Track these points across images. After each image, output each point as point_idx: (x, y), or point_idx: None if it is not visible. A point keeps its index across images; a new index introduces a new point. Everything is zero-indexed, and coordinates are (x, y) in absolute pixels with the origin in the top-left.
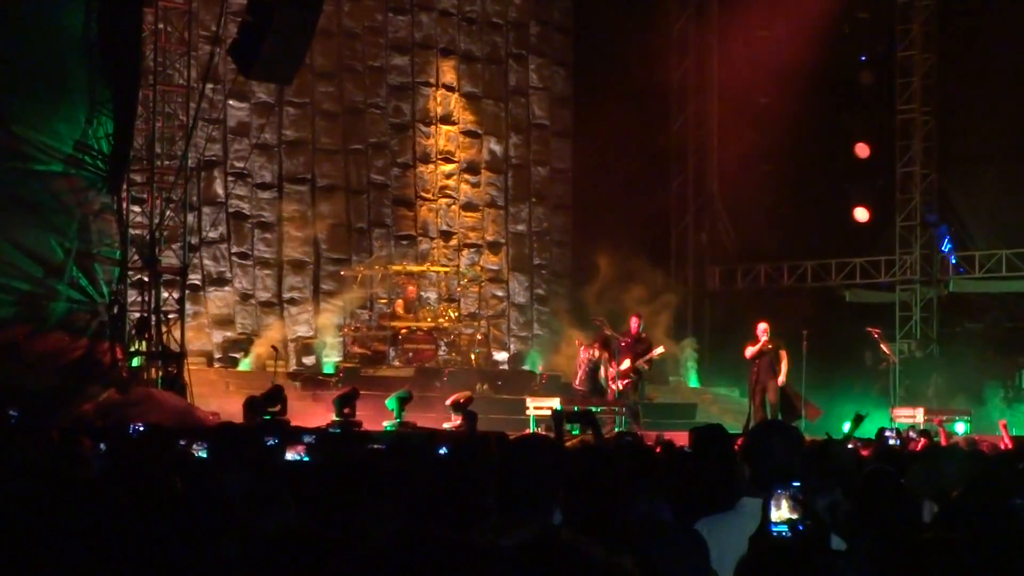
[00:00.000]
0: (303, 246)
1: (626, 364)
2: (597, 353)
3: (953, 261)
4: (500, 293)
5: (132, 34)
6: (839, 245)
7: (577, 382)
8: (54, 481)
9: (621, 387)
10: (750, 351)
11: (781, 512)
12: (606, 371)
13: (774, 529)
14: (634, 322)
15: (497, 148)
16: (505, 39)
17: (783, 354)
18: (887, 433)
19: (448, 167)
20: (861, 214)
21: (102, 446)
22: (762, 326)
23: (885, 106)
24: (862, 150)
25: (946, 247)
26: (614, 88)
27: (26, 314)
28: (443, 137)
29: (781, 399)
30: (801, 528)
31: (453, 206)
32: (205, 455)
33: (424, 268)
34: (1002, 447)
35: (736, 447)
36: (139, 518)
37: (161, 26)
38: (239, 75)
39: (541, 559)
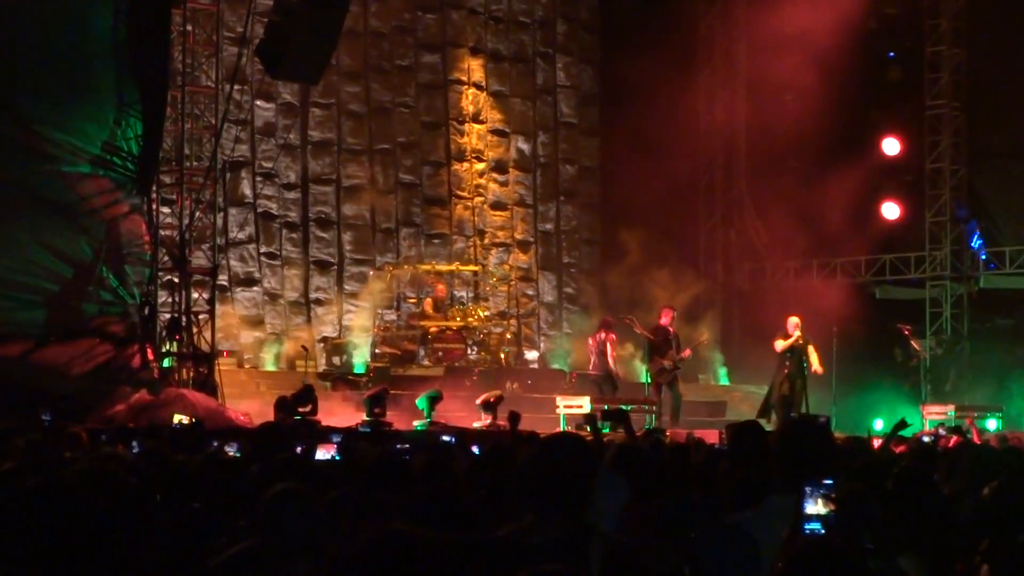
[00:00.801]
0: (329, 247)
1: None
2: (603, 335)
3: (983, 257)
4: (530, 292)
5: (160, 35)
6: (869, 241)
7: (591, 367)
8: (93, 483)
9: (663, 380)
10: (781, 345)
11: (814, 510)
12: (611, 354)
13: (807, 527)
14: (666, 316)
15: (525, 147)
16: (532, 38)
17: (812, 348)
18: (924, 434)
19: (480, 165)
20: (891, 210)
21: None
22: (793, 320)
23: (914, 102)
24: (891, 146)
25: (976, 243)
26: (641, 86)
27: (57, 316)
28: (474, 135)
29: (795, 397)
30: (833, 526)
31: (485, 205)
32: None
33: (453, 267)
34: None
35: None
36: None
37: (188, 27)
38: (265, 76)
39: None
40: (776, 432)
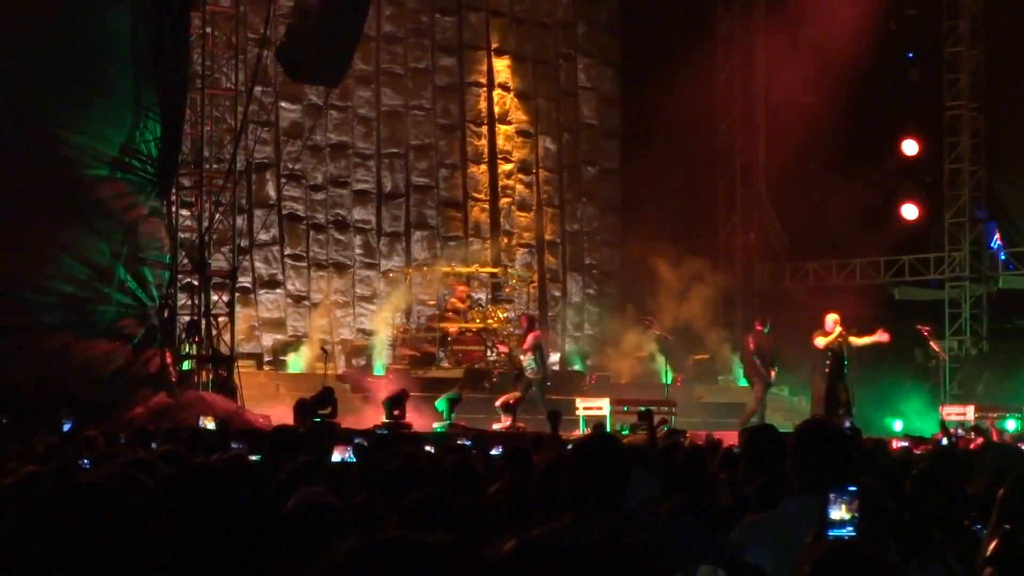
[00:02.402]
0: (346, 249)
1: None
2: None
3: (1003, 258)
4: (556, 293)
5: (179, 38)
6: (888, 242)
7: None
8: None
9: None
10: (822, 342)
11: (838, 516)
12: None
13: (831, 532)
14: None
15: (550, 147)
16: (555, 39)
17: (854, 339)
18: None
19: (507, 166)
20: (910, 211)
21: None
22: (832, 317)
23: (933, 103)
24: (910, 147)
25: (995, 244)
26: (661, 88)
27: (75, 318)
28: (501, 136)
29: (839, 396)
30: (858, 532)
31: (512, 206)
32: (258, 458)
33: (473, 269)
34: None
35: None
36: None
37: (208, 30)
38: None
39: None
40: (793, 434)
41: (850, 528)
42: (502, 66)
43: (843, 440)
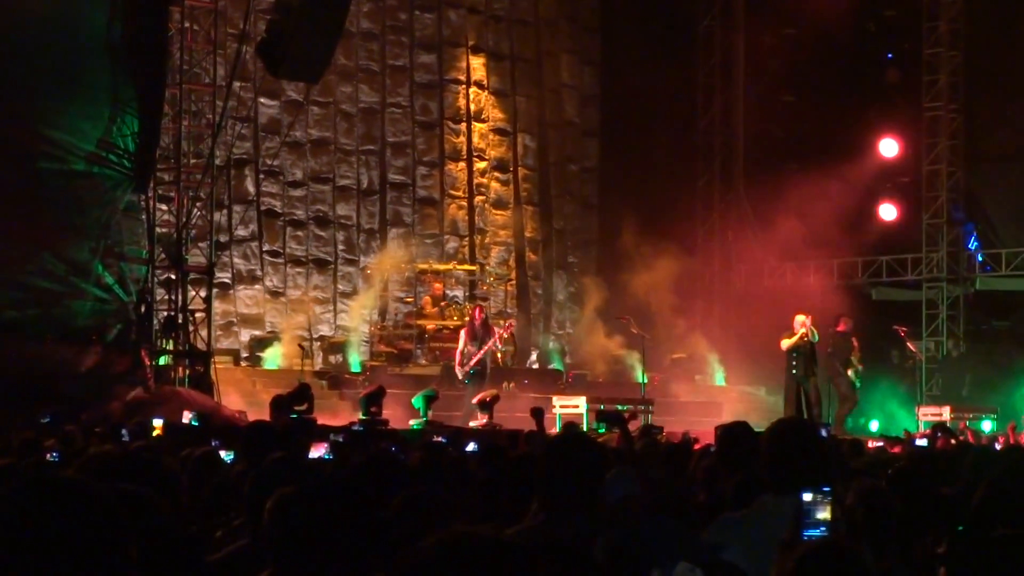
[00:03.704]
0: (326, 246)
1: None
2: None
3: (980, 259)
4: (539, 291)
5: (157, 33)
6: (865, 243)
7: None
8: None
9: None
10: (786, 343)
11: (813, 516)
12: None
13: (806, 534)
14: (844, 324)
15: (530, 145)
16: (535, 37)
17: (856, 342)
18: (919, 436)
19: (481, 164)
20: (888, 211)
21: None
22: (800, 318)
23: (912, 104)
24: (889, 147)
25: (972, 245)
26: (641, 87)
27: (52, 314)
28: (476, 134)
29: (810, 398)
30: (833, 532)
31: (486, 204)
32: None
33: (450, 267)
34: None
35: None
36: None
37: (187, 24)
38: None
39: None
40: (766, 433)
41: (825, 528)
42: (478, 64)
43: (815, 439)
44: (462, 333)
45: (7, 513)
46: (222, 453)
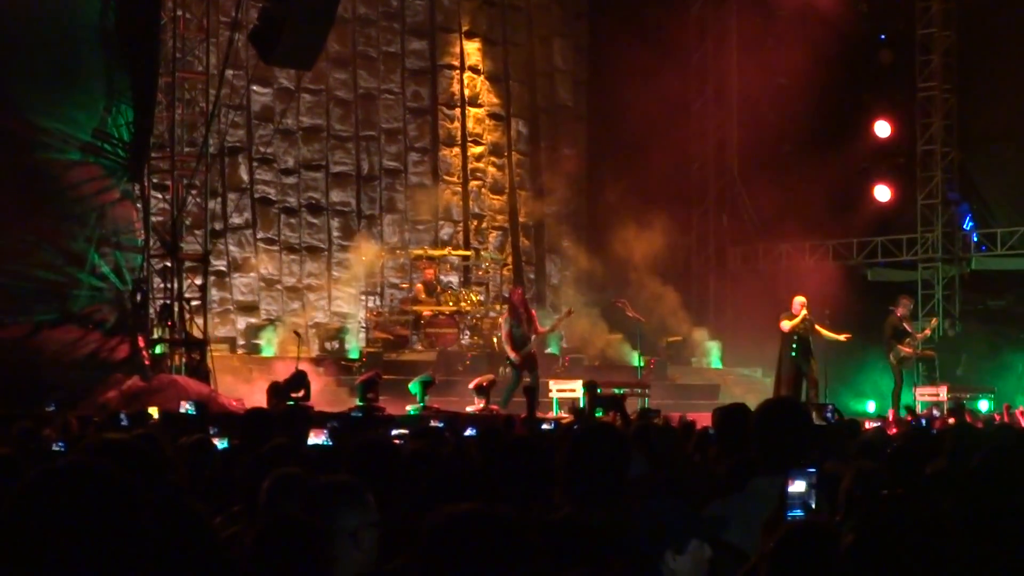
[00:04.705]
0: (320, 233)
1: None
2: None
3: (975, 239)
4: (532, 276)
5: (150, 21)
6: (860, 224)
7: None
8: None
9: None
10: (787, 325)
11: (796, 497)
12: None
13: (789, 514)
14: (902, 308)
15: (522, 130)
16: (527, 21)
17: (819, 327)
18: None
19: (477, 149)
20: (882, 192)
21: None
22: (799, 299)
23: (906, 84)
24: (883, 128)
25: (967, 225)
26: (632, 71)
27: (48, 303)
28: (471, 119)
29: (809, 379)
30: (816, 511)
31: (483, 188)
32: (224, 445)
33: (445, 252)
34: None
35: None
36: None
37: (180, 13)
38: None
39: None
40: (755, 414)
41: (809, 508)
42: (472, 49)
43: (804, 419)
44: (503, 319)
45: (39, 500)
46: (216, 441)
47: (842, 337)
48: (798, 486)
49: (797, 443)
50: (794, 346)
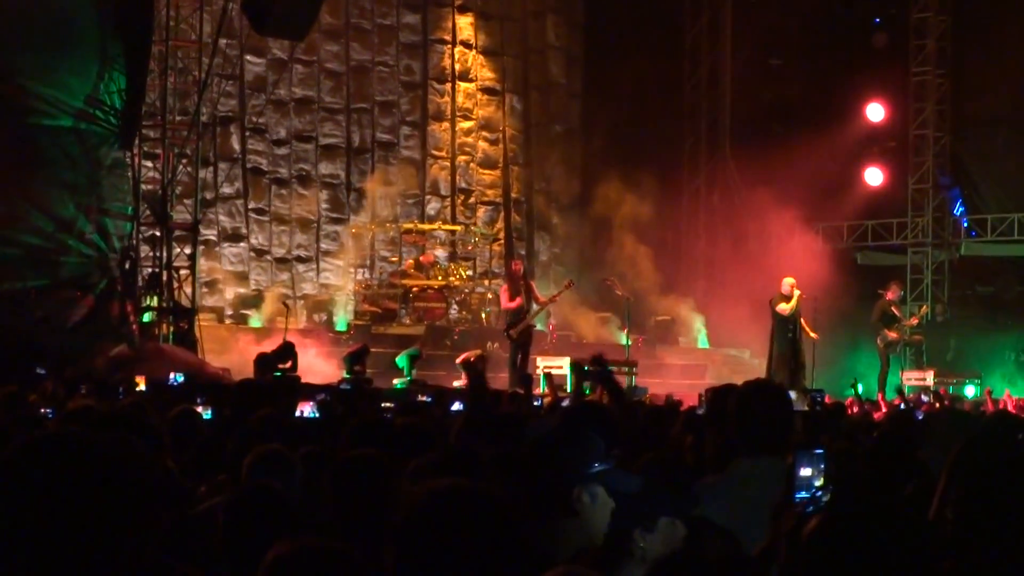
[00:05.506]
0: (310, 204)
1: None
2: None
3: (965, 224)
4: (522, 252)
5: None
6: (851, 207)
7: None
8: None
9: None
10: (785, 308)
11: (803, 479)
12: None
13: (797, 496)
14: (893, 293)
15: (516, 106)
16: None
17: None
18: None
19: (467, 124)
20: (874, 176)
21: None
22: (789, 280)
23: (899, 68)
24: (876, 112)
25: (958, 210)
26: (627, 48)
27: (38, 269)
28: (462, 94)
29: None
30: (825, 495)
31: (472, 163)
32: (209, 415)
33: (435, 227)
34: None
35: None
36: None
37: None
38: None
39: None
40: (735, 395)
41: (815, 490)
42: (465, 23)
43: (784, 402)
44: (501, 291)
45: (26, 468)
46: (202, 411)
47: (813, 335)
48: (805, 467)
49: (776, 425)
50: (790, 327)
